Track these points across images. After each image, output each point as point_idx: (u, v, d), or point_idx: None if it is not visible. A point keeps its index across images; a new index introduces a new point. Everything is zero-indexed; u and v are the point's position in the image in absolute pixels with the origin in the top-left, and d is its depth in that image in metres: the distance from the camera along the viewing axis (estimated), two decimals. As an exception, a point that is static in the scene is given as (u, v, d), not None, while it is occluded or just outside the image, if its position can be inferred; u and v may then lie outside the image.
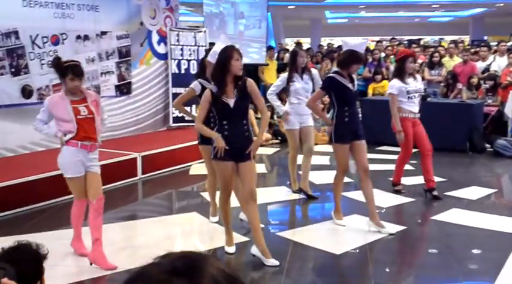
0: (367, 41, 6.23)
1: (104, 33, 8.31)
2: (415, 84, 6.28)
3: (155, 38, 9.34)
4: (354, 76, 5.39)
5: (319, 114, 6.09)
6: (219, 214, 5.29)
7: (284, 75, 6.46)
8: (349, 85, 5.19)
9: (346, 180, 7.04)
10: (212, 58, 4.73)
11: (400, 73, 6.21)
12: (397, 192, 6.49)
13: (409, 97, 6.13)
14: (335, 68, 12.12)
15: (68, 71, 4.31)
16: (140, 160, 7.27)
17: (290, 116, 6.26)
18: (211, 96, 4.33)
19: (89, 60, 8.11)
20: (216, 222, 5.46)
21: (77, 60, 4.63)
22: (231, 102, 4.34)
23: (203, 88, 4.92)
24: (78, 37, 7.96)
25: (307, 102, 5.82)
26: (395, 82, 6.19)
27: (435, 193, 6.25)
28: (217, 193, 5.00)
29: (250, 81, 4.50)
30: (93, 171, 4.46)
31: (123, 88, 8.73)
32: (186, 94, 5.47)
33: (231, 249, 4.73)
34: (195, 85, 5.23)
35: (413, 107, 6.17)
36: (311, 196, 6.31)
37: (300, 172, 6.40)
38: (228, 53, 4.34)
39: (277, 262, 4.42)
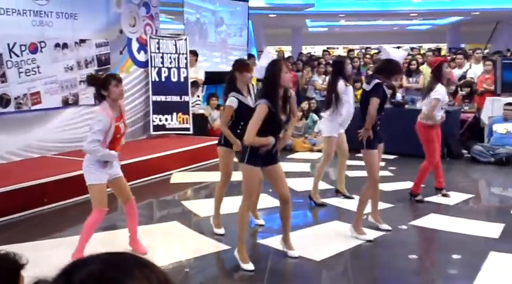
0: (406, 53, 6.38)
1: (82, 41, 8.27)
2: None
3: (135, 45, 9.32)
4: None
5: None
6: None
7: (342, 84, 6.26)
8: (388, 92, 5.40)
9: (326, 186, 7.11)
10: (259, 73, 4.68)
11: (441, 79, 6.30)
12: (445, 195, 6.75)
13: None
14: (316, 76, 12.30)
15: (110, 78, 4.35)
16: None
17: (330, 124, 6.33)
18: (268, 112, 4.25)
19: (67, 68, 8.06)
20: (222, 234, 5.41)
21: None
22: (283, 117, 4.39)
23: (239, 102, 5.08)
24: (57, 45, 7.91)
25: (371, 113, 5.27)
26: (442, 89, 6.28)
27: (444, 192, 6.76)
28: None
29: (291, 92, 4.60)
30: (118, 176, 4.62)
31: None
32: (227, 114, 5.19)
33: (250, 266, 4.53)
34: (232, 101, 5.10)
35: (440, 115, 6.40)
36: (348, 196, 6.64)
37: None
38: (278, 66, 4.34)
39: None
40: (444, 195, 6.72)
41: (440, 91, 6.24)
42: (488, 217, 6.10)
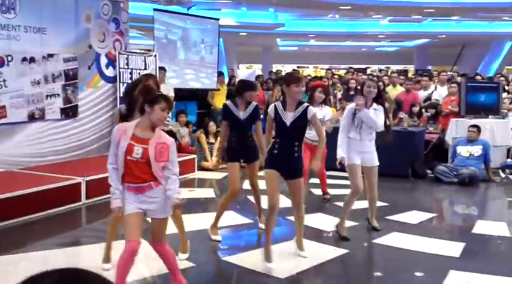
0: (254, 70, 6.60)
1: (50, 55, 8.22)
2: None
3: (104, 61, 9.28)
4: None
5: None
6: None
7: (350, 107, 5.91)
8: None
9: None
10: None
11: (312, 102, 6.61)
12: None
13: None
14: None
15: (161, 99, 3.82)
16: (84, 184, 7.14)
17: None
18: None
19: (34, 83, 7.98)
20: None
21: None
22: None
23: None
24: (24, 59, 7.84)
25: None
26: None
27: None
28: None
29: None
30: (152, 217, 3.96)
31: (69, 112, 8.61)
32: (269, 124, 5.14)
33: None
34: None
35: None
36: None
37: None
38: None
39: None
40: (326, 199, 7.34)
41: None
42: (450, 236, 6.22)
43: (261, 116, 6.17)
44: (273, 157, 4.85)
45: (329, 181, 8.53)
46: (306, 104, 4.94)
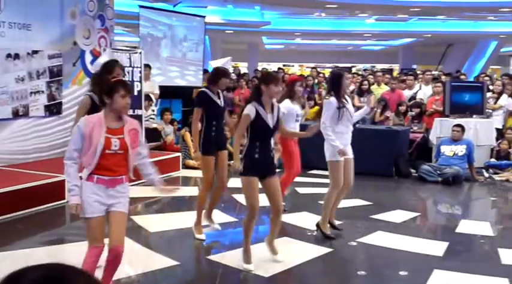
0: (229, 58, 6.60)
1: (35, 52, 8.14)
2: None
3: (88, 58, 9.21)
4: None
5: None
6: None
7: (333, 101, 5.64)
8: None
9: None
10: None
11: (292, 96, 6.60)
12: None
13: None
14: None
15: (119, 86, 3.69)
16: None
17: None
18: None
19: (18, 80, 7.91)
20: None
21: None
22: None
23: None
24: (9, 55, 7.76)
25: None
26: (287, 103, 6.51)
27: None
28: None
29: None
30: (115, 210, 3.72)
31: (53, 109, 8.54)
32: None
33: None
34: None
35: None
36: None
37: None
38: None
39: None
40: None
41: (284, 106, 6.35)
42: (433, 236, 6.27)
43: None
44: (255, 162, 4.64)
45: (312, 179, 8.57)
46: (275, 103, 4.88)
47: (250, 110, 4.63)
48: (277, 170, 5.00)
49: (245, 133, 4.75)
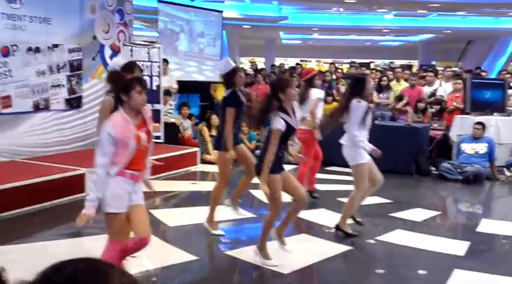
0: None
1: (55, 45, 8.18)
2: None
3: (108, 52, 9.24)
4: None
5: None
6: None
7: (364, 105, 5.63)
8: None
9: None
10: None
11: (314, 86, 6.96)
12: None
13: None
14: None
15: (135, 83, 3.70)
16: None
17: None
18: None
19: (39, 73, 7.96)
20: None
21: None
22: None
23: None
24: (29, 49, 7.81)
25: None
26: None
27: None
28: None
29: None
30: (137, 204, 3.75)
31: (73, 102, 8.59)
32: None
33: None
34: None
35: None
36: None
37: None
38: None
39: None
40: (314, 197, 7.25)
41: (315, 94, 6.75)
42: (454, 235, 6.20)
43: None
44: (279, 160, 4.72)
45: (330, 176, 8.53)
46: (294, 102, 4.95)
47: (280, 124, 4.62)
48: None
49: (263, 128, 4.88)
